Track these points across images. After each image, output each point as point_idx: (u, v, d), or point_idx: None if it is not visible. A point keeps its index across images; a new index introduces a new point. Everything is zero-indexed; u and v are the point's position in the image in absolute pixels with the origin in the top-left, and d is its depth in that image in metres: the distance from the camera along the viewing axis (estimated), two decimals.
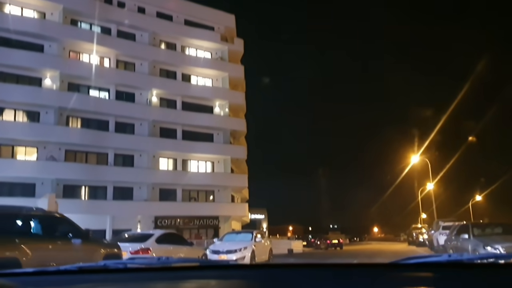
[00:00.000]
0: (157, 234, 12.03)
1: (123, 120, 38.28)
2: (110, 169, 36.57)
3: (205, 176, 41.05)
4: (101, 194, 36.44)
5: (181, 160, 40.82)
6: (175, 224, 39.11)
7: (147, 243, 11.07)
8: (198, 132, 41.71)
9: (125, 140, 37.45)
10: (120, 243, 10.46)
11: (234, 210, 42.14)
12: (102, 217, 35.33)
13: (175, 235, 14.31)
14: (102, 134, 36.56)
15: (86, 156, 36.51)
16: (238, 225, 47.63)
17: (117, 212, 35.95)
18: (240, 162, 44.80)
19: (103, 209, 35.33)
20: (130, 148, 37.78)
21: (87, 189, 36.30)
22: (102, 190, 36.55)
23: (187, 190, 40.73)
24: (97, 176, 35.51)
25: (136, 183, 37.61)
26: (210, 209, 40.62)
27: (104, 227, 35.64)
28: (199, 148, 40.75)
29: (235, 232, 17.50)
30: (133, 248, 10.64)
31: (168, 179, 38.93)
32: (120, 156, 37.98)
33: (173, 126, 40.57)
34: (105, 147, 36.61)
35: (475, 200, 61.89)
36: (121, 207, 36.16)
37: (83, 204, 35.13)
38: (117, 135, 37.34)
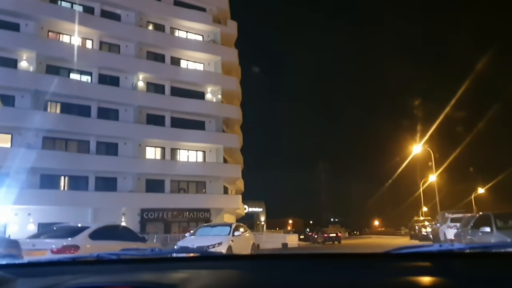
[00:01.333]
0: (93, 228, 9.56)
1: (106, 105, 35.78)
2: (92, 158, 34.12)
3: (196, 166, 38.59)
4: (82, 185, 33.99)
5: (169, 149, 38.34)
6: (163, 217, 36.73)
7: (76, 239, 8.57)
8: (188, 120, 39.19)
9: (108, 127, 34.97)
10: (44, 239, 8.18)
11: (227, 202, 39.70)
12: (83, 210, 32.97)
13: (119, 228, 11.90)
14: (84, 120, 34.05)
15: (65, 144, 34.04)
16: (232, 218, 45.24)
17: (100, 204, 33.53)
18: (234, 152, 42.33)
19: (84, 201, 32.93)
20: (114, 135, 35.30)
21: (66, 179, 33.85)
22: (83, 181, 34.09)
23: (176, 181, 38.29)
24: (78, 165, 33.04)
25: (120, 173, 35.17)
26: (201, 201, 38.18)
27: (84, 223, 33.24)
28: (189, 136, 38.25)
29: (210, 225, 15.01)
30: (56, 246, 8.17)
31: (155, 169, 36.48)
32: (103, 144, 35.50)
33: (161, 112, 38.05)
34: (87, 134, 34.13)
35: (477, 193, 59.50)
36: (104, 198, 33.73)
37: (62, 195, 32.76)
38: (99, 122, 34.85)
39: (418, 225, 35.06)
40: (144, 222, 35.68)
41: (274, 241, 34.58)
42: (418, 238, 32.93)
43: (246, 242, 14.34)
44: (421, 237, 31.84)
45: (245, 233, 14.84)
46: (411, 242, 32.11)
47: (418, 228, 34.24)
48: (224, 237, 13.29)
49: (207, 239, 13.03)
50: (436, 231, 23.91)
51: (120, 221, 34.32)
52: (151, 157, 37.46)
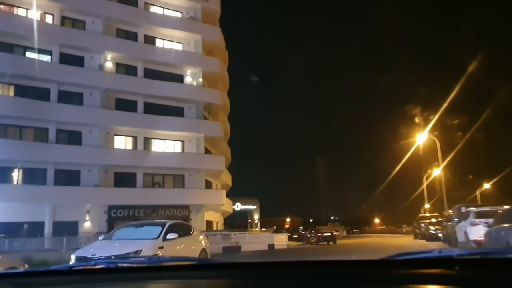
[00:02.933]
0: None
1: (68, 88, 31.42)
2: (51, 148, 29.78)
3: (173, 157, 34.21)
4: (40, 179, 29.62)
5: (142, 138, 33.97)
6: (134, 215, 32.34)
7: None
8: (164, 105, 34.84)
9: (70, 112, 30.59)
10: None
11: (209, 198, 35.33)
12: (40, 207, 28.69)
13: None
14: (42, 104, 29.67)
15: (20, 132, 29.66)
16: (217, 215, 40.96)
17: (60, 200, 29.23)
18: (217, 142, 37.93)
19: (42, 197, 28.61)
20: (77, 122, 30.93)
21: (21, 172, 29.47)
22: (41, 174, 29.73)
23: (150, 174, 33.95)
24: (35, 155, 28.70)
25: (85, 164, 30.82)
26: (178, 197, 33.80)
27: (42, 219, 28.96)
28: (166, 124, 33.89)
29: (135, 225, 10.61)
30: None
31: (125, 160, 32.13)
32: (64, 132, 31.14)
33: (132, 97, 33.69)
34: (45, 121, 29.78)
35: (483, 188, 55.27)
36: (65, 194, 29.38)
37: (16, 190, 28.41)
38: (60, 106, 30.48)
39: (424, 223, 30.72)
40: (112, 220, 31.32)
41: (259, 242, 30.29)
42: (426, 237, 28.61)
43: (187, 249, 10.00)
44: (429, 236, 27.51)
45: (186, 236, 10.51)
46: (418, 243, 27.77)
47: (424, 226, 29.90)
48: (148, 242, 8.97)
49: (122, 246, 8.72)
50: (449, 230, 19.56)
51: (83, 220, 30.09)
52: (121, 147, 33.07)
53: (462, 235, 15.06)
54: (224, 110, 43.73)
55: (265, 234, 33.43)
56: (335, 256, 18.50)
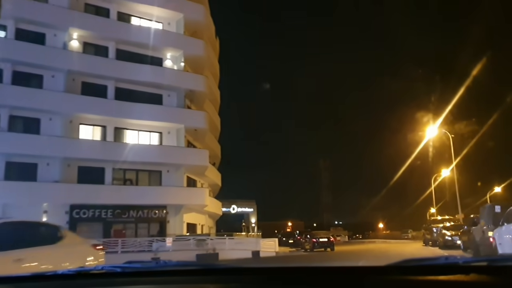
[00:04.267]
0: None
1: (25, 69, 27.25)
2: (3, 137, 25.57)
3: (148, 150, 29.92)
4: None
5: (112, 128, 29.72)
6: (101, 217, 28.10)
7: None
8: (139, 91, 30.65)
9: (27, 96, 26.40)
10: None
11: (188, 197, 30.93)
12: None
13: None
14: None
15: None
16: (202, 218, 36.58)
17: (11, 198, 24.98)
18: (202, 135, 33.59)
19: None
20: (35, 107, 26.74)
21: None
22: None
23: (121, 169, 29.68)
24: None
25: (43, 157, 26.60)
26: (154, 196, 29.47)
27: None
28: (141, 112, 29.66)
29: None
30: None
31: (92, 153, 27.86)
32: (19, 119, 26.94)
33: (102, 81, 29.48)
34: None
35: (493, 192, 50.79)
36: (18, 191, 25.17)
37: None
38: (15, 89, 26.32)
39: (436, 227, 26.28)
40: (74, 222, 27.05)
41: (243, 248, 25.93)
42: (439, 244, 24.17)
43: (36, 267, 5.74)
44: (444, 243, 23.05)
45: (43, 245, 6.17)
46: (429, 250, 23.34)
47: (437, 231, 25.43)
48: None
49: None
50: (476, 236, 15.15)
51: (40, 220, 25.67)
52: (87, 138, 28.81)
53: (507, 244, 10.60)
54: (212, 101, 39.51)
55: (251, 239, 28.99)
56: None
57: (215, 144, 40.74)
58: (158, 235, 29.15)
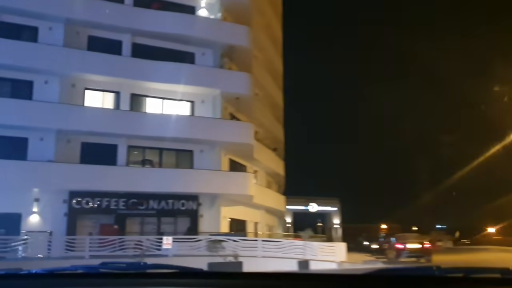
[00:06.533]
0: None
1: (14, 18, 21.39)
2: None
3: (176, 123, 22.78)
4: None
5: (128, 94, 23.03)
6: (109, 207, 21.48)
7: None
8: (164, 49, 23.82)
9: (17, 52, 20.50)
10: None
11: (225, 184, 23.18)
12: None
13: None
14: None
15: None
16: (254, 213, 28.91)
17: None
18: (246, 104, 25.85)
19: None
20: (26, 66, 20.71)
21: None
22: None
23: (138, 147, 22.98)
24: None
25: (35, 129, 20.50)
26: (182, 182, 22.37)
27: None
28: (166, 74, 22.80)
29: None
30: None
31: (100, 125, 21.36)
32: (5, 82, 21.04)
33: (115, 34, 22.99)
34: None
35: None
36: (1, 172, 19.20)
37: None
38: (1, 42, 20.51)
39: None
40: (74, 214, 20.69)
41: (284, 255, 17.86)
42: None
43: None
44: None
45: None
46: None
47: None
48: None
49: None
50: None
51: (29, 212, 19.72)
52: (94, 106, 22.38)
53: None
54: (268, 69, 31.83)
55: (297, 242, 20.76)
56: None
57: (272, 123, 33.02)
58: (189, 232, 22.02)
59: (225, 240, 18.26)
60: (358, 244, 39.76)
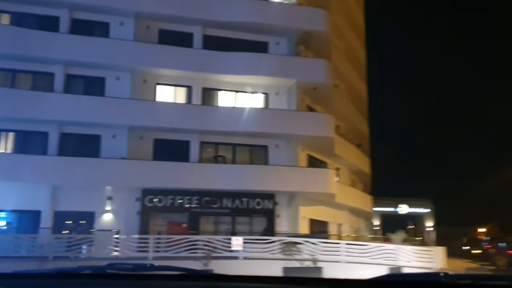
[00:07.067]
0: None
1: (86, 15, 21.28)
2: (57, 100, 19.81)
3: (249, 116, 21.37)
4: (37, 146, 19.84)
5: (199, 89, 22.03)
6: (183, 205, 20.59)
7: None
8: (236, 39, 22.58)
9: (88, 48, 20.30)
10: None
11: (304, 182, 21.29)
12: (35, 189, 18.79)
13: None
14: (46, 37, 20.00)
15: (12, 77, 20.30)
16: (337, 214, 26.76)
17: (65, 179, 19.01)
18: (325, 94, 23.77)
19: (39, 173, 18.64)
20: (98, 62, 20.44)
21: (10, 137, 20.03)
22: (39, 138, 19.89)
23: (211, 143, 21.88)
24: (31, 111, 19.03)
25: (108, 126, 20.14)
26: (257, 179, 20.89)
27: (37, 208, 19.01)
28: (238, 65, 21.56)
29: None
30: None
31: (172, 121, 20.55)
32: (78, 78, 20.96)
33: (185, 27, 22.15)
34: (49, 61, 19.96)
35: None
36: (74, 170, 19.02)
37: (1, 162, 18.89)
38: (73, 39, 20.47)
39: None
40: (147, 212, 20.04)
41: (370, 260, 15.51)
42: None
43: None
44: None
45: None
46: None
47: None
48: None
49: None
50: None
51: (102, 210, 19.38)
52: (167, 101, 21.65)
53: None
54: (350, 58, 29.53)
55: (388, 246, 18.24)
56: None
57: (355, 117, 30.60)
58: (265, 233, 20.52)
59: (301, 242, 16.41)
60: (456, 249, 35.87)
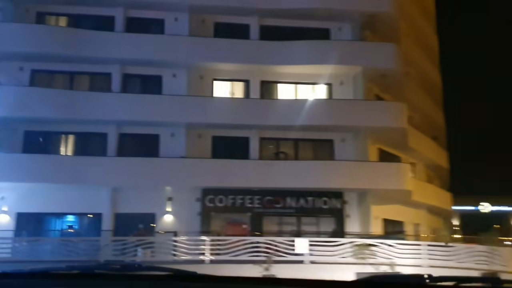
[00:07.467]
0: None
1: (140, 13, 20.91)
2: (114, 100, 19.55)
3: (312, 109, 19.87)
4: (96, 147, 19.63)
5: (258, 82, 20.89)
6: (244, 205, 19.53)
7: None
8: (294, 28, 21.24)
9: (145, 46, 19.87)
10: None
11: (376, 178, 19.40)
12: (95, 191, 18.58)
13: None
14: (102, 37, 19.81)
15: (71, 79, 20.29)
16: (413, 213, 24.53)
17: (125, 181, 18.63)
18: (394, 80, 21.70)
19: (98, 175, 18.38)
20: (154, 60, 19.92)
21: (70, 139, 19.98)
22: (98, 139, 19.68)
23: (271, 138, 20.64)
24: (90, 113, 18.86)
25: (165, 125, 19.54)
26: (322, 176, 19.34)
27: (98, 210, 18.78)
28: (298, 55, 20.19)
29: None
30: None
31: (231, 117, 19.57)
32: (135, 77, 20.60)
33: (241, 18, 21.15)
34: (106, 61, 19.71)
35: None
36: (134, 170, 18.59)
37: (62, 165, 18.83)
38: (129, 37, 20.17)
39: None
40: (207, 213, 19.21)
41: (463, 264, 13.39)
42: None
43: None
44: None
45: None
46: None
47: None
48: None
49: None
50: None
51: (162, 212, 18.83)
52: (224, 96, 20.74)
53: None
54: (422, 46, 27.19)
55: (479, 248, 15.59)
56: None
57: (429, 107, 28.14)
58: (333, 234, 18.97)
59: (376, 244, 14.74)
60: None
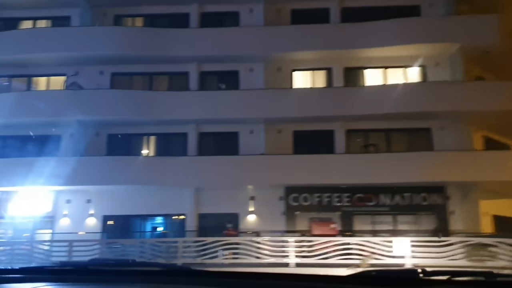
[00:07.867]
0: None
1: (215, 7, 20.27)
2: (193, 98, 19.05)
3: (404, 94, 17.87)
4: (177, 147, 19.21)
5: (341, 69, 19.25)
6: (331, 203, 18.01)
7: None
8: (379, 8, 19.36)
9: (221, 40, 19.20)
10: None
11: (483, 170, 16.79)
12: (178, 192, 18.21)
13: None
14: (177, 34, 19.48)
15: (150, 80, 20.11)
16: None
17: (207, 180, 18.01)
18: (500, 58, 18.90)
19: (179, 176, 17.97)
20: (231, 55, 19.12)
21: (152, 140, 19.76)
22: (179, 140, 19.25)
23: (358, 130, 18.88)
24: (168, 112, 18.53)
25: (244, 122, 18.67)
26: (418, 169, 17.19)
27: (182, 211, 18.39)
28: (386, 35, 18.34)
29: None
30: None
31: (312, 109, 18.21)
32: (212, 74, 19.88)
33: (320, 3, 19.70)
34: (184, 60, 19.30)
35: None
36: (213, 169, 17.90)
37: (145, 166, 18.61)
38: (205, 32, 19.59)
39: None
40: (292, 212, 17.96)
41: None
42: None
43: None
44: None
45: None
46: None
47: None
48: None
49: None
50: None
51: (245, 211, 18.03)
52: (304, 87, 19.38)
53: None
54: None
55: None
56: None
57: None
58: (436, 234, 16.80)
59: (494, 244, 12.55)
60: None
